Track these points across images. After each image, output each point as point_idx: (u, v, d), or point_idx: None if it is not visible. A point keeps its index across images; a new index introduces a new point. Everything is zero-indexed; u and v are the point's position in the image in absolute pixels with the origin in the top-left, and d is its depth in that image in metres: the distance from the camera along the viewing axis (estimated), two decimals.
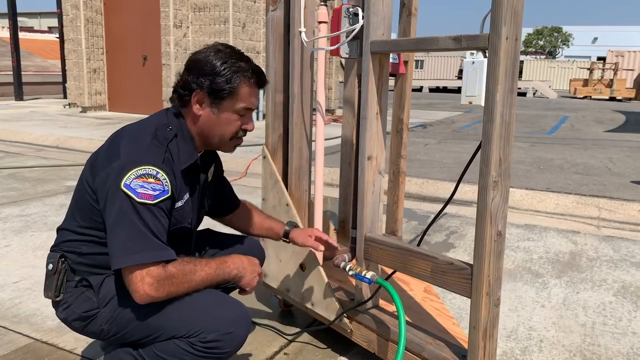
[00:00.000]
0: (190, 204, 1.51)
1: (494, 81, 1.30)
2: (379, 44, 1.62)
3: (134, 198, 1.30)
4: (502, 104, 1.31)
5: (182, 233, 1.51)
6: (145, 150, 1.36)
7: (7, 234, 3.24)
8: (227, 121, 1.46)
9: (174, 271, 1.34)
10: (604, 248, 3.32)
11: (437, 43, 1.44)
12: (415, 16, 2.43)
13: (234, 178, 5.12)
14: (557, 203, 4.28)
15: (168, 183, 1.35)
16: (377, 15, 1.63)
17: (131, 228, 1.30)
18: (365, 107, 1.68)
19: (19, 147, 6.64)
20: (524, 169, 5.45)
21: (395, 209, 2.62)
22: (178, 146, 1.44)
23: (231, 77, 1.42)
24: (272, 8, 2.07)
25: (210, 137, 1.49)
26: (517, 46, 1.31)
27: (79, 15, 9.34)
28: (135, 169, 1.31)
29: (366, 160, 1.70)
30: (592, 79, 24.93)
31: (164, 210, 1.35)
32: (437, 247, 3.31)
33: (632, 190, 4.58)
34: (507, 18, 1.27)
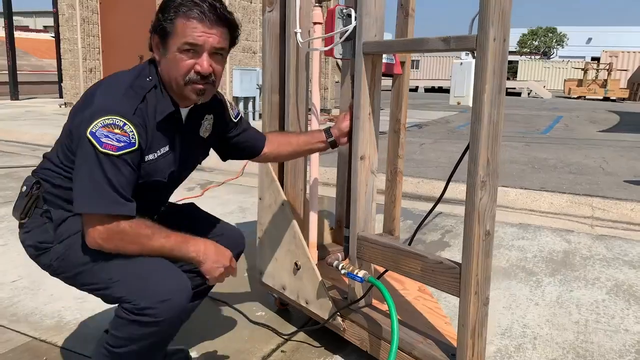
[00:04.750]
0: (169, 157, 1.48)
1: (481, 82, 1.32)
2: (371, 45, 1.64)
3: (97, 147, 1.29)
4: (490, 104, 1.33)
5: (155, 187, 1.49)
6: (118, 100, 1.34)
7: (3, 233, 3.25)
8: (173, 61, 1.38)
9: (127, 229, 1.35)
10: (598, 247, 3.36)
11: (427, 44, 1.46)
12: (412, 17, 2.45)
13: (230, 177, 5.14)
14: (551, 202, 4.32)
15: (135, 135, 1.32)
16: (369, 16, 1.65)
17: (90, 176, 1.31)
18: (357, 108, 1.70)
19: (15, 146, 6.63)
20: (518, 169, 5.49)
21: (393, 208, 2.65)
22: (156, 97, 1.42)
23: (168, 12, 1.37)
24: (269, 9, 2.09)
25: (170, 83, 1.42)
26: (505, 47, 1.33)
27: (74, 15, 9.32)
28: (103, 117, 1.30)
29: (359, 160, 1.72)
30: (586, 79, 25.06)
31: (128, 163, 1.33)
32: (432, 246, 3.34)
33: (625, 189, 4.63)
34: (495, 19, 1.29)
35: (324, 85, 10.74)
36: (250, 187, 4.76)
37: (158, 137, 1.43)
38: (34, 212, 1.47)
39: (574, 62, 35.81)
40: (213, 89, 1.47)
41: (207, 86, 1.42)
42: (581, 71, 25.95)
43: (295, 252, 2.02)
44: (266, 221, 2.23)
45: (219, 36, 1.39)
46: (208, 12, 1.36)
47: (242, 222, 3.69)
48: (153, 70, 1.45)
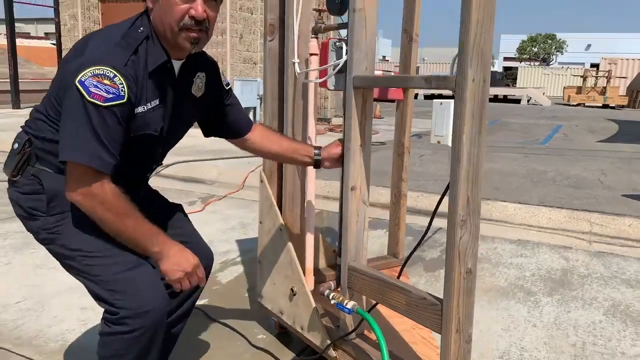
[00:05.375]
0: (159, 111, 1.46)
1: (460, 123, 1.32)
2: (360, 80, 1.67)
3: (84, 95, 1.27)
4: (469, 145, 1.33)
5: (148, 140, 1.47)
6: (110, 51, 1.32)
7: (7, 251, 3.28)
8: (167, 6, 1.36)
9: (109, 194, 1.34)
10: (595, 264, 3.39)
11: (411, 82, 1.51)
12: (416, 42, 2.51)
13: (231, 191, 5.17)
14: (549, 217, 4.35)
15: (125, 88, 1.31)
16: (360, 51, 1.68)
17: (76, 125, 1.29)
18: (348, 139, 1.73)
19: None
20: (517, 182, 5.52)
21: (397, 230, 2.69)
22: (147, 49, 1.39)
23: None
24: (270, 38, 2.14)
25: (163, 31, 1.40)
26: (484, 88, 1.34)
27: (76, 26, 9.40)
28: (93, 67, 1.28)
29: (350, 191, 1.75)
30: (585, 86, 25.14)
31: (116, 115, 1.31)
32: (431, 264, 3.38)
33: (623, 204, 4.66)
34: (474, 61, 1.29)
35: (324, 95, 10.79)
36: (251, 202, 4.79)
37: (149, 89, 1.40)
38: (26, 169, 1.47)
39: (573, 69, 35.92)
40: (207, 37, 1.44)
41: (201, 34, 1.40)
42: (580, 78, 26.05)
43: (292, 277, 2.05)
44: (266, 245, 2.26)
45: None
46: None
47: (243, 238, 3.73)
48: (145, 20, 1.42)
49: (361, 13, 1.66)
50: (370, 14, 1.68)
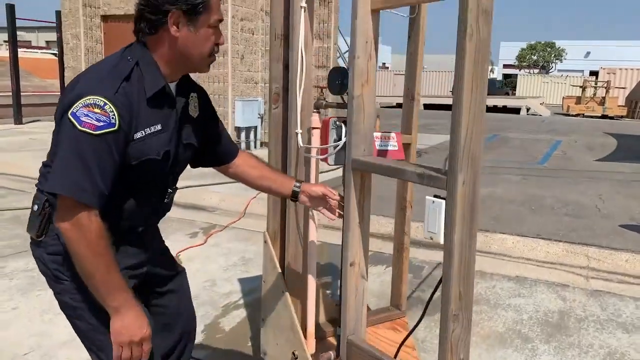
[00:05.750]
0: (162, 136, 1.45)
1: (452, 224, 1.38)
2: (358, 163, 1.73)
3: (76, 125, 1.27)
4: (460, 245, 1.38)
5: (153, 166, 1.45)
6: (99, 82, 1.34)
7: (13, 294, 3.33)
8: (205, 37, 1.43)
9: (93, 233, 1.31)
10: (592, 306, 3.44)
11: (404, 174, 1.57)
12: (418, 101, 2.59)
13: (232, 220, 5.23)
14: (547, 251, 4.40)
15: (116, 116, 1.30)
16: (358, 133, 1.74)
17: (66, 155, 1.29)
18: (347, 217, 1.78)
19: (20, 182, 6.72)
20: (515, 210, 5.58)
21: (400, 283, 2.76)
22: (142, 75, 1.40)
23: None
24: (274, 106, 2.20)
25: (189, 58, 1.45)
26: (475, 189, 1.40)
27: (79, 45, 9.48)
28: (84, 98, 1.29)
29: (349, 267, 1.81)
30: (584, 96, 25.26)
31: (108, 143, 1.31)
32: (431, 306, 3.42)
33: (620, 236, 4.72)
34: (464, 164, 1.35)
35: (324, 114, 10.86)
36: (252, 232, 4.84)
37: (148, 114, 1.41)
38: (50, 227, 1.47)
39: (572, 78, 36.03)
40: None
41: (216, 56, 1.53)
42: (579, 88, 26.17)
43: (293, 341, 2.10)
44: (269, 306, 2.31)
45: None
46: None
47: (245, 277, 3.78)
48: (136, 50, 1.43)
49: (359, 99, 1.73)
50: (368, 100, 1.74)
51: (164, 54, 1.43)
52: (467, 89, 1.34)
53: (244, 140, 9.07)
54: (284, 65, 2.18)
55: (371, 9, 1.68)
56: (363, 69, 1.71)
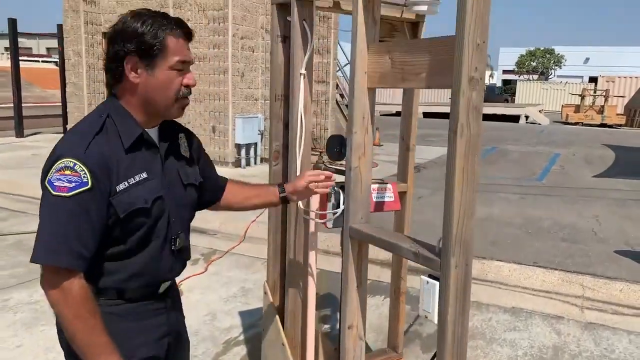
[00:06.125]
0: (149, 183, 1.41)
1: (445, 305, 1.46)
2: (356, 232, 1.80)
3: (50, 192, 1.28)
4: (453, 324, 1.46)
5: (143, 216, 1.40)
6: (70, 143, 1.34)
7: (18, 329, 3.39)
8: (166, 80, 1.39)
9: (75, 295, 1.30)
10: (586, 340, 3.51)
11: (400, 250, 1.64)
12: (413, 151, 2.67)
13: (233, 244, 5.29)
14: (543, 280, 4.46)
15: (87, 174, 1.29)
16: (356, 202, 1.81)
17: (44, 223, 1.30)
18: (346, 281, 1.85)
19: (22, 202, 6.79)
20: (512, 234, 5.64)
21: (397, 324, 2.83)
22: (116, 127, 1.38)
23: (156, 32, 1.37)
24: (275, 163, 2.28)
25: (155, 103, 1.41)
26: (467, 271, 1.47)
27: (81, 62, 9.56)
28: (57, 163, 1.29)
29: (347, 329, 1.88)
30: (583, 105, 25.39)
31: (83, 204, 1.29)
32: (429, 341, 3.49)
33: (615, 263, 4.78)
34: (456, 250, 1.43)
35: (324, 126, 10.95)
36: (253, 259, 4.91)
37: (130, 164, 1.39)
38: None
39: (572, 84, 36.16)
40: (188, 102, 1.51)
41: (189, 100, 1.48)
42: (578, 97, 26.29)
43: None
44: (269, 354, 2.38)
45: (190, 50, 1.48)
46: (187, 30, 1.44)
47: (246, 309, 3.84)
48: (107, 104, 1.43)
49: (357, 170, 1.80)
50: (365, 171, 1.82)
51: (132, 102, 1.42)
52: (457, 182, 1.42)
53: (244, 157, 9.14)
54: (284, 124, 2.25)
55: (367, 87, 1.76)
56: (360, 143, 1.78)
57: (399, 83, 1.65)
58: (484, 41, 1.40)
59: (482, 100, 1.43)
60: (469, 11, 1.35)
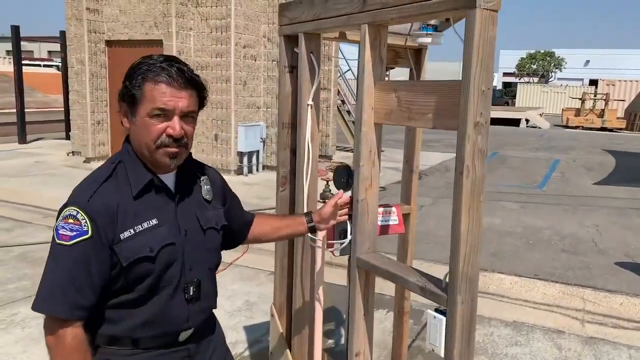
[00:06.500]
0: (158, 230, 1.37)
1: (451, 339, 1.51)
2: (363, 263, 1.85)
3: (55, 240, 1.30)
4: (459, 357, 1.52)
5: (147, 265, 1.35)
6: (78, 192, 1.34)
7: (27, 345, 3.43)
8: (143, 127, 1.34)
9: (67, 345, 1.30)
10: (587, 355, 3.55)
11: (407, 284, 1.69)
12: (416, 173, 2.72)
13: (236, 256, 5.33)
14: (544, 293, 4.51)
15: (87, 223, 1.28)
16: (362, 234, 1.87)
17: (46, 270, 1.31)
18: (353, 309, 1.90)
19: (26, 211, 6.84)
20: (512, 245, 5.69)
21: (400, 344, 2.88)
22: (126, 172, 1.37)
23: (135, 77, 1.34)
24: (282, 189, 2.32)
25: (140, 150, 1.38)
26: (473, 306, 1.52)
27: (84, 70, 9.62)
28: (64, 211, 1.31)
29: (354, 357, 1.92)
30: (584, 108, 25.43)
31: (83, 252, 1.29)
32: (432, 358, 3.53)
33: (615, 275, 4.83)
34: (463, 287, 1.49)
35: (325, 133, 11.01)
36: (256, 270, 4.95)
37: (140, 210, 1.36)
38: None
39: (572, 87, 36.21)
40: (186, 151, 1.42)
41: (180, 149, 1.38)
42: (579, 100, 26.33)
43: None
44: None
45: (187, 99, 1.37)
46: (176, 75, 1.34)
47: (250, 324, 3.88)
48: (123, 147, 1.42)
49: (364, 203, 1.85)
50: (372, 202, 1.87)
51: (135, 146, 1.40)
52: (464, 221, 1.47)
53: (246, 165, 9.20)
54: (291, 151, 2.30)
55: (374, 122, 1.81)
56: (367, 175, 1.84)
57: (405, 121, 1.70)
58: (489, 88, 1.45)
59: (487, 143, 1.48)
60: (474, 60, 1.41)
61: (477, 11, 1.42)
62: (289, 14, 2.14)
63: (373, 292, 1.96)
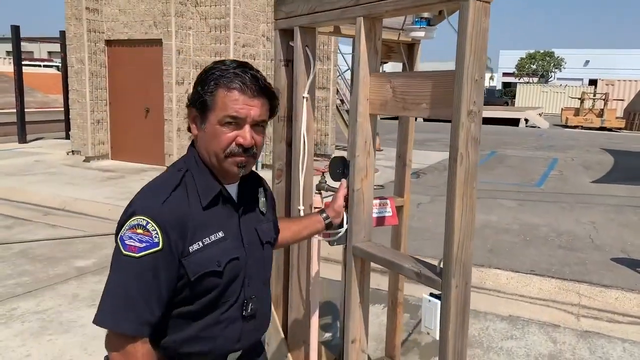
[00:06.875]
0: (225, 244, 1.33)
1: (445, 322, 1.55)
2: (359, 251, 1.89)
3: (121, 250, 1.23)
4: (453, 339, 1.56)
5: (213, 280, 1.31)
6: (146, 200, 1.27)
7: (26, 339, 3.46)
8: (212, 135, 1.30)
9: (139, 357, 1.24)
10: (581, 349, 3.59)
11: (402, 269, 1.72)
12: (409, 167, 2.75)
13: None
14: (540, 288, 4.55)
15: (158, 234, 1.22)
16: (358, 224, 1.90)
17: (111, 284, 1.24)
18: (349, 297, 1.93)
19: (26, 209, 6.87)
20: (510, 242, 5.72)
21: (394, 335, 2.91)
22: (194, 182, 1.32)
23: (207, 84, 1.30)
24: (277, 181, 2.36)
25: (208, 158, 1.34)
26: (467, 291, 1.56)
27: (84, 69, 9.65)
28: (130, 220, 1.24)
29: (350, 343, 1.96)
30: (583, 108, 25.48)
31: (152, 265, 1.22)
32: (427, 350, 3.56)
33: (611, 271, 4.86)
34: (457, 271, 1.53)
35: (324, 132, 11.04)
36: None
37: (207, 222, 1.30)
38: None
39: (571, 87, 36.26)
40: (254, 161, 1.38)
41: (248, 158, 1.34)
42: (578, 100, 26.38)
43: None
44: None
45: (259, 108, 1.32)
46: (250, 83, 1.29)
47: None
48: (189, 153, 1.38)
49: (359, 192, 1.88)
50: (367, 192, 1.90)
51: (201, 154, 1.35)
52: (458, 207, 1.50)
53: None
54: (287, 144, 2.33)
55: (369, 113, 1.84)
56: (362, 166, 1.87)
57: (400, 111, 1.74)
58: (482, 77, 1.49)
59: (480, 130, 1.51)
60: (467, 50, 1.44)
61: (470, 2, 1.45)
62: (285, 8, 2.17)
63: (369, 280, 1.99)
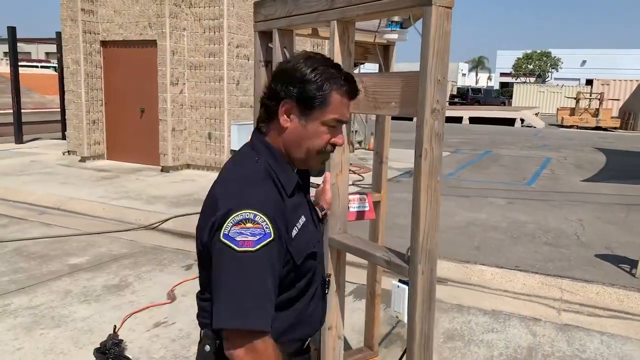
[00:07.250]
0: (309, 226, 1.39)
1: (412, 305, 1.67)
2: (335, 242, 2.01)
3: (234, 248, 1.18)
4: (420, 322, 1.68)
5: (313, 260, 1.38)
6: (240, 194, 1.24)
7: (18, 333, 3.56)
8: (315, 133, 1.33)
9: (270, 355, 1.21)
10: (560, 341, 3.69)
11: (374, 258, 1.82)
12: (386, 164, 2.85)
13: None
14: (523, 283, 4.65)
15: (269, 225, 1.20)
16: (334, 216, 2.01)
17: (231, 284, 1.18)
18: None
19: (21, 209, 6.96)
20: (497, 239, 5.83)
21: (372, 327, 3.02)
22: (274, 171, 1.32)
23: (322, 84, 1.31)
24: None
25: (296, 150, 1.36)
26: (432, 277, 1.67)
27: (79, 70, 9.74)
28: (232, 216, 1.20)
29: (327, 330, 2.07)
30: (578, 108, 25.63)
31: (269, 257, 1.21)
32: None
33: (594, 267, 4.97)
34: (422, 258, 1.64)
35: None
36: None
37: (292, 208, 1.33)
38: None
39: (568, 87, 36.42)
40: None
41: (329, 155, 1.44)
42: (573, 100, 26.54)
43: None
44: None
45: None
46: (354, 88, 1.38)
47: None
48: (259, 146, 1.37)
49: (335, 187, 1.99)
50: (342, 187, 2.01)
51: (277, 142, 1.37)
52: (423, 199, 1.61)
53: None
54: None
55: None
56: (338, 162, 1.98)
57: (372, 110, 1.84)
58: (444, 77, 1.59)
59: (443, 127, 1.62)
60: (430, 52, 1.55)
61: (432, 8, 1.56)
62: (264, 11, 2.27)
63: (344, 269, 2.09)
